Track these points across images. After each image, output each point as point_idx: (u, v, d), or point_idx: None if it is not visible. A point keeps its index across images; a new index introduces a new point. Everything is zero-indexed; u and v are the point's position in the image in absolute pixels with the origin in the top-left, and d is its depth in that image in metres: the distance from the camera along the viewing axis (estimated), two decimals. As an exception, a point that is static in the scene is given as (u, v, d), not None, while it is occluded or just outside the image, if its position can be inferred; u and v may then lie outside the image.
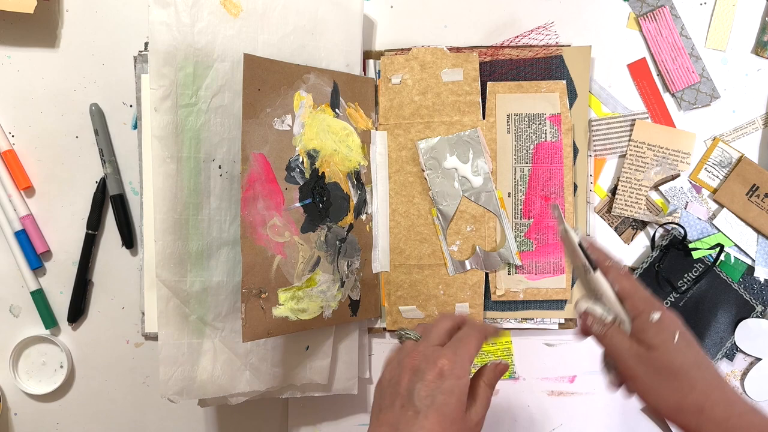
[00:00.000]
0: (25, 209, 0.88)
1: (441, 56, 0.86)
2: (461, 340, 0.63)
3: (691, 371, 0.61)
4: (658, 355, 0.62)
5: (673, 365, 0.61)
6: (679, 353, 0.61)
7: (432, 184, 0.86)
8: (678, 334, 0.62)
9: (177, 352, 0.77)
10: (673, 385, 0.61)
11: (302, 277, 0.79)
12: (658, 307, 0.63)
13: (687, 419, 0.61)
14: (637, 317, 0.64)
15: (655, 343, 0.62)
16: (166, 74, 0.75)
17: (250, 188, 0.74)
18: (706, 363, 0.62)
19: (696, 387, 0.60)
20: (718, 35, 0.88)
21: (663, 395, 0.61)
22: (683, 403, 0.61)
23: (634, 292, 0.65)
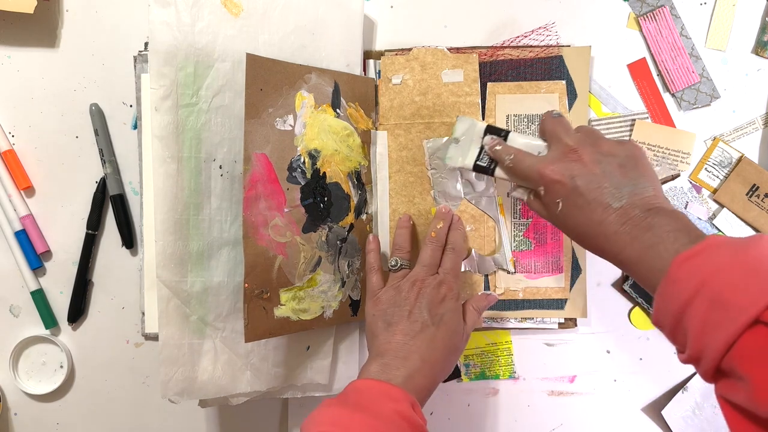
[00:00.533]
0: (25, 209, 0.88)
1: (441, 57, 0.86)
2: (452, 268, 0.79)
3: (583, 235, 0.67)
4: (551, 217, 0.71)
5: (566, 227, 0.70)
6: (568, 218, 0.68)
7: (435, 184, 0.86)
8: (560, 203, 0.68)
9: (178, 352, 0.77)
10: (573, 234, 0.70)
11: (303, 277, 0.79)
12: (546, 169, 0.69)
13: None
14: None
15: (546, 206, 0.70)
16: (166, 74, 0.75)
17: (252, 188, 0.74)
18: (603, 222, 0.65)
19: (595, 244, 0.67)
20: (718, 35, 0.88)
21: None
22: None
23: (524, 158, 0.73)
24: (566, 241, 0.87)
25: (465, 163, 0.80)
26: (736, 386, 0.53)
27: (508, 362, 0.90)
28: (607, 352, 0.90)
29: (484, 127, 0.79)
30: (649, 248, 0.60)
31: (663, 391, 0.90)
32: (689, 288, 0.55)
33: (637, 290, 0.88)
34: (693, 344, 0.55)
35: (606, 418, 0.91)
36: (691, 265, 0.56)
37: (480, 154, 0.79)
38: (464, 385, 0.91)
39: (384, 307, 0.77)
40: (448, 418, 0.91)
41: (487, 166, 0.78)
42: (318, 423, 0.63)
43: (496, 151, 0.76)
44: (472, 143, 0.80)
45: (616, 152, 0.67)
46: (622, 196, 0.64)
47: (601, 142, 0.69)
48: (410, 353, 0.71)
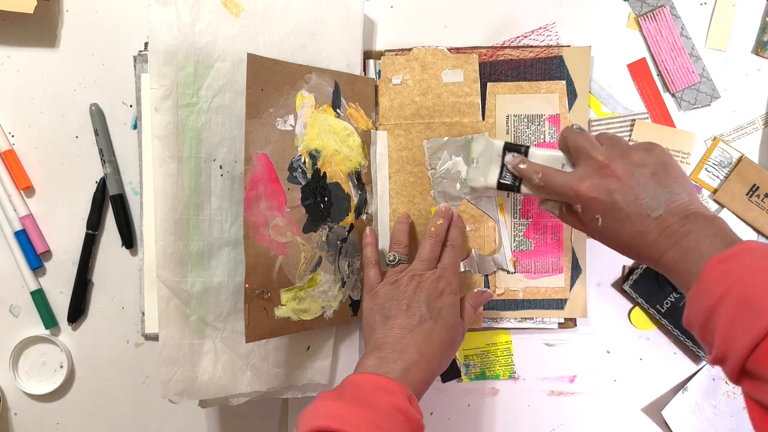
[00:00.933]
0: (25, 209, 0.88)
1: (441, 57, 0.86)
2: (451, 263, 0.79)
3: (624, 246, 0.69)
4: (592, 232, 0.72)
5: (606, 239, 0.71)
6: (609, 231, 0.69)
7: (435, 184, 0.86)
8: (600, 219, 0.69)
9: (178, 352, 0.77)
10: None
11: (304, 277, 0.79)
12: (581, 187, 0.70)
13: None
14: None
15: (585, 222, 0.72)
16: (166, 74, 0.75)
17: (253, 188, 0.74)
18: (645, 234, 0.66)
19: (636, 253, 0.68)
20: (718, 35, 0.88)
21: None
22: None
23: (556, 177, 0.74)
24: (566, 241, 0.87)
25: (488, 183, 0.81)
26: (761, 387, 0.54)
27: (508, 362, 0.90)
28: (607, 352, 0.90)
29: (503, 145, 0.80)
30: (686, 253, 0.62)
31: (663, 391, 0.90)
32: (719, 289, 0.57)
33: (637, 290, 0.88)
34: (719, 344, 0.56)
35: (606, 418, 0.91)
36: (724, 268, 0.58)
37: (502, 171, 0.80)
38: (464, 385, 0.91)
39: (382, 301, 0.77)
40: (448, 418, 0.91)
41: (512, 184, 0.79)
42: (315, 417, 0.63)
43: (522, 170, 0.77)
44: (491, 162, 0.81)
45: (647, 161, 0.68)
46: (659, 205, 0.66)
47: (629, 152, 0.69)
48: (407, 346, 0.72)
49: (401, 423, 0.64)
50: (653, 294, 0.87)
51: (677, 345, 0.89)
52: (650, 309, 0.88)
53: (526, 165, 0.76)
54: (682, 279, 0.63)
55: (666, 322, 0.88)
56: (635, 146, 0.70)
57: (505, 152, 0.80)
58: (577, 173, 0.71)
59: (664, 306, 0.87)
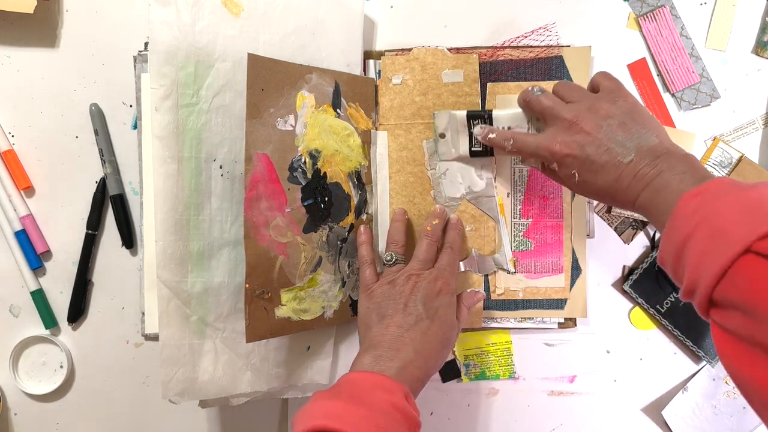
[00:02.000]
0: (25, 209, 0.88)
1: (441, 57, 0.86)
2: (449, 264, 0.79)
3: (602, 195, 0.71)
4: (572, 186, 0.74)
5: (586, 191, 0.73)
6: (587, 184, 0.71)
7: (434, 184, 0.86)
8: (576, 174, 0.71)
9: (178, 353, 0.77)
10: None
11: (304, 277, 0.79)
12: (554, 147, 0.71)
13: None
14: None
15: (564, 178, 0.73)
16: (166, 74, 0.75)
17: (254, 188, 0.74)
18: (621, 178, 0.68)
19: (614, 199, 0.70)
20: (718, 35, 0.88)
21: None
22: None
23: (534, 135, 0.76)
24: (566, 241, 0.87)
25: (460, 153, 0.83)
26: (728, 314, 0.55)
27: (508, 362, 0.90)
28: (607, 352, 0.90)
29: (465, 114, 0.82)
30: (658, 191, 0.64)
31: (663, 391, 0.90)
32: (691, 222, 0.58)
33: (637, 290, 0.88)
34: (689, 275, 0.58)
35: (606, 418, 0.91)
36: (696, 202, 0.59)
37: (471, 140, 0.82)
38: (464, 385, 0.91)
39: (378, 300, 0.77)
40: (448, 418, 0.91)
41: (484, 151, 0.82)
42: (311, 417, 0.63)
43: (492, 139, 0.78)
44: (458, 133, 0.83)
45: (613, 112, 0.70)
46: (629, 151, 0.68)
47: (595, 105, 0.71)
48: (404, 345, 0.72)
49: (399, 421, 0.64)
50: (653, 294, 0.88)
51: (677, 345, 0.89)
52: (650, 309, 0.88)
53: (496, 134, 0.78)
54: (657, 218, 0.65)
55: (666, 322, 0.88)
56: (600, 97, 0.72)
57: (470, 121, 0.82)
58: (548, 133, 0.73)
59: (664, 306, 0.87)
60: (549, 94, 0.75)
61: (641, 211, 0.67)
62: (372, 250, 0.83)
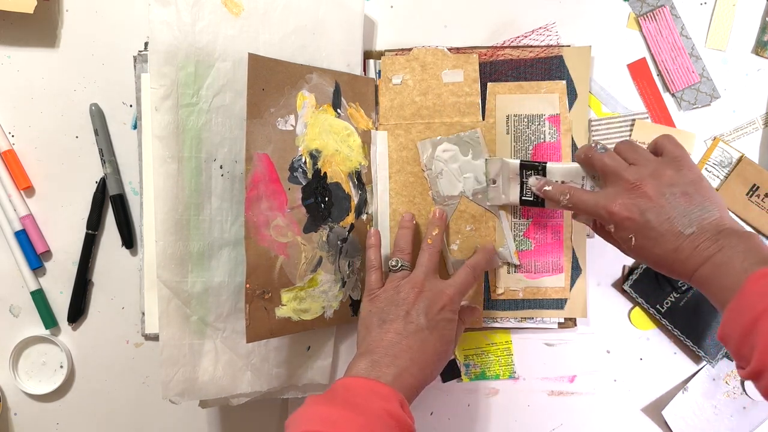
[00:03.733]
0: (25, 209, 0.88)
1: (441, 57, 0.86)
2: (462, 284, 0.79)
3: (658, 263, 0.70)
4: (625, 249, 0.73)
5: (640, 257, 0.71)
6: (643, 249, 0.70)
7: (432, 184, 0.86)
8: (633, 238, 0.70)
9: (178, 353, 0.77)
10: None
11: (304, 277, 0.79)
12: (613, 207, 0.70)
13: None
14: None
15: (618, 240, 0.73)
16: (166, 73, 0.75)
17: (254, 188, 0.74)
18: (673, 255, 0.68)
19: (671, 269, 0.69)
20: (718, 35, 0.88)
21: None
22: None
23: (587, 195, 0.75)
24: (566, 241, 0.87)
25: (510, 201, 0.83)
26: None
27: (508, 362, 0.90)
28: (607, 352, 0.90)
29: (518, 164, 0.81)
30: (719, 267, 0.63)
31: (663, 391, 0.90)
32: (763, 303, 0.58)
33: (637, 290, 0.88)
34: (758, 357, 0.57)
35: (606, 418, 0.91)
36: (766, 282, 0.59)
37: (522, 189, 0.82)
38: (464, 385, 0.91)
39: (381, 305, 0.77)
40: (448, 418, 0.91)
41: (535, 201, 0.81)
42: (305, 421, 0.63)
43: (548, 192, 0.78)
44: (510, 181, 0.82)
45: (677, 181, 0.69)
46: (691, 222, 0.67)
47: (659, 171, 0.70)
48: (401, 352, 0.72)
49: (393, 428, 0.64)
50: (653, 294, 0.88)
51: (677, 345, 0.89)
52: (650, 309, 0.88)
53: (552, 188, 0.77)
54: (716, 294, 0.64)
55: (666, 322, 0.88)
56: (664, 163, 0.70)
57: (523, 171, 0.81)
58: (608, 193, 0.72)
59: (664, 306, 0.87)
60: (612, 153, 0.74)
61: (699, 285, 0.66)
62: (380, 254, 0.83)
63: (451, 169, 0.86)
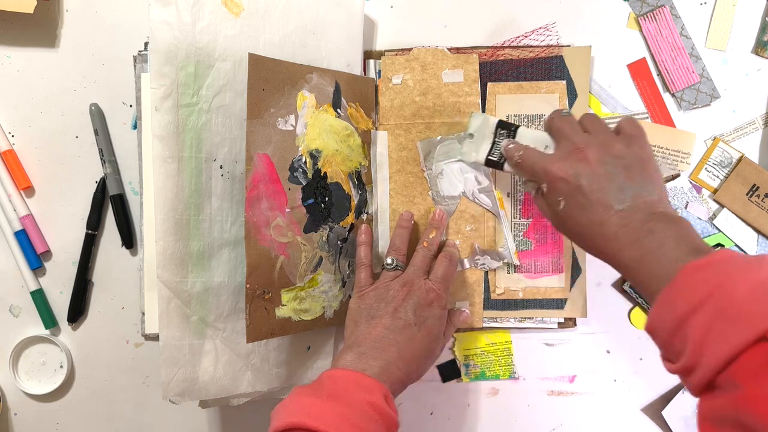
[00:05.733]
0: (25, 209, 0.88)
1: (442, 57, 0.87)
2: (444, 277, 0.79)
3: (581, 235, 0.68)
4: (552, 215, 0.72)
5: (565, 226, 0.70)
6: (569, 217, 0.69)
7: (432, 184, 0.86)
8: (562, 201, 0.68)
9: (178, 353, 0.77)
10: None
11: (305, 277, 0.79)
12: (552, 166, 0.70)
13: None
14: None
15: (548, 204, 0.71)
16: (166, 73, 0.75)
17: (254, 188, 0.74)
18: (597, 225, 0.66)
19: (593, 244, 0.68)
20: (718, 35, 0.88)
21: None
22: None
23: (533, 156, 0.74)
24: (566, 241, 0.87)
25: (478, 158, 0.82)
26: (722, 396, 0.53)
27: (508, 362, 0.90)
28: (607, 352, 0.90)
29: (496, 122, 0.81)
30: (648, 252, 0.61)
31: (663, 391, 0.90)
32: (696, 297, 0.55)
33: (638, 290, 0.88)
34: (691, 353, 0.55)
35: (606, 418, 0.91)
36: (701, 275, 0.56)
37: (492, 148, 0.82)
38: (464, 385, 0.91)
39: (370, 302, 0.78)
40: (448, 418, 0.91)
41: (497, 161, 0.81)
42: (289, 412, 0.63)
43: (509, 149, 0.77)
44: (484, 138, 0.82)
45: (624, 154, 0.68)
46: (625, 198, 0.65)
47: (609, 142, 0.69)
48: (388, 345, 0.72)
49: (376, 421, 0.64)
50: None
51: (677, 345, 0.89)
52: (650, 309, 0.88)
53: (513, 145, 0.77)
54: (643, 279, 0.62)
55: (666, 321, 0.88)
56: (617, 138, 0.70)
57: (498, 129, 0.82)
58: (552, 155, 0.72)
59: (664, 306, 0.87)
60: (572, 119, 0.74)
61: (622, 267, 0.64)
62: (371, 252, 0.83)
63: (451, 169, 0.86)
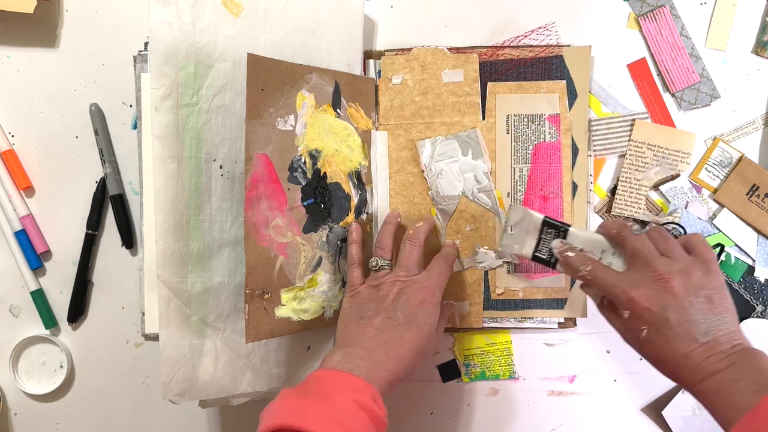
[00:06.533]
0: (25, 209, 0.88)
1: (441, 57, 0.86)
2: (438, 275, 0.79)
3: (663, 363, 0.68)
4: (630, 339, 0.71)
5: (645, 351, 0.70)
6: (652, 344, 0.68)
7: (431, 184, 0.86)
8: (646, 330, 0.68)
9: (178, 353, 0.77)
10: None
11: (304, 277, 0.79)
12: (635, 294, 0.68)
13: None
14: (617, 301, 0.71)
15: (627, 328, 0.70)
16: (166, 73, 0.75)
17: (254, 188, 0.74)
18: (679, 355, 0.66)
19: (674, 372, 0.68)
20: (718, 35, 0.88)
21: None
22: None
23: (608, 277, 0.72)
24: (566, 241, 0.87)
25: (522, 252, 0.79)
26: None
27: (508, 362, 0.90)
28: (607, 352, 0.90)
29: (542, 220, 0.78)
30: (731, 383, 0.63)
31: (663, 391, 0.90)
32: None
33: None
34: None
35: (606, 418, 0.91)
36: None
37: (538, 245, 0.78)
38: (464, 385, 0.91)
39: (361, 302, 0.77)
40: (448, 418, 0.91)
41: (547, 259, 0.78)
42: (277, 414, 0.63)
43: (570, 258, 0.75)
44: (528, 234, 0.78)
45: (705, 285, 0.68)
46: (708, 330, 0.66)
47: (689, 270, 0.68)
48: (377, 346, 0.72)
49: (364, 421, 0.64)
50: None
51: (677, 345, 0.89)
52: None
53: (575, 255, 0.74)
54: (722, 409, 0.63)
55: (666, 322, 0.87)
56: (695, 263, 0.69)
57: (544, 227, 0.78)
58: (632, 278, 0.70)
59: (664, 306, 0.87)
60: (645, 237, 0.72)
61: (701, 395, 0.65)
62: (362, 251, 0.83)
63: (450, 168, 0.86)
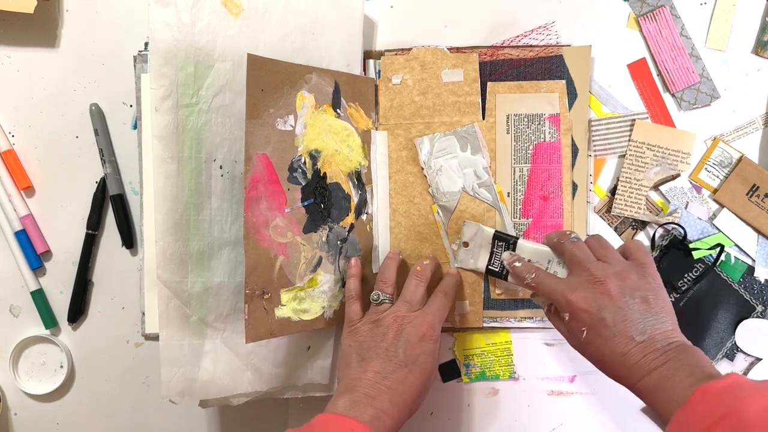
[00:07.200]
0: (25, 209, 0.88)
1: (441, 57, 0.86)
2: (439, 309, 0.79)
3: (602, 362, 0.71)
4: (573, 341, 0.73)
5: (586, 352, 0.72)
6: (591, 345, 0.70)
7: (431, 181, 0.86)
8: (585, 332, 0.70)
9: (178, 353, 0.77)
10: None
11: (304, 277, 0.79)
12: (573, 297, 0.71)
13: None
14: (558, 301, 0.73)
15: (569, 330, 0.73)
16: (166, 74, 0.75)
17: (254, 189, 0.74)
18: (616, 354, 0.68)
19: (614, 372, 0.70)
20: (718, 35, 0.88)
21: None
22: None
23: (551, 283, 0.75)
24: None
25: (477, 267, 0.84)
26: None
27: (508, 362, 0.90)
28: (607, 351, 0.90)
29: (492, 234, 0.83)
30: (666, 379, 0.64)
31: (663, 391, 0.90)
32: (709, 418, 0.58)
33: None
34: None
35: (606, 418, 0.90)
36: (714, 399, 0.59)
37: (491, 258, 0.83)
38: (464, 385, 0.91)
39: (361, 340, 0.77)
40: (448, 418, 0.91)
41: (499, 272, 0.82)
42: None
43: (516, 267, 0.78)
44: (481, 248, 0.84)
45: (640, 286, 0.70)
46: (645, 330, 0.68)
47: (625, 274, 0.71)
48: (380, 393, 0.71)
49: None
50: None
51: (677, 345, 0.89)
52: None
53: (521, 264, 0.78)
54: (661, 405, 0.65)
55: (666, 322, 0.87)
56: (630, 266, 0.72)
57: (495, 240, 0.83)
58: (570, 282, 0.73)
59: (664, 306, 0.87)
60: (583, 244, 0.75)
61: (641, 393, 0.67)
62: (360, 284, 0.82)
63: (450, 165, 0.86)
